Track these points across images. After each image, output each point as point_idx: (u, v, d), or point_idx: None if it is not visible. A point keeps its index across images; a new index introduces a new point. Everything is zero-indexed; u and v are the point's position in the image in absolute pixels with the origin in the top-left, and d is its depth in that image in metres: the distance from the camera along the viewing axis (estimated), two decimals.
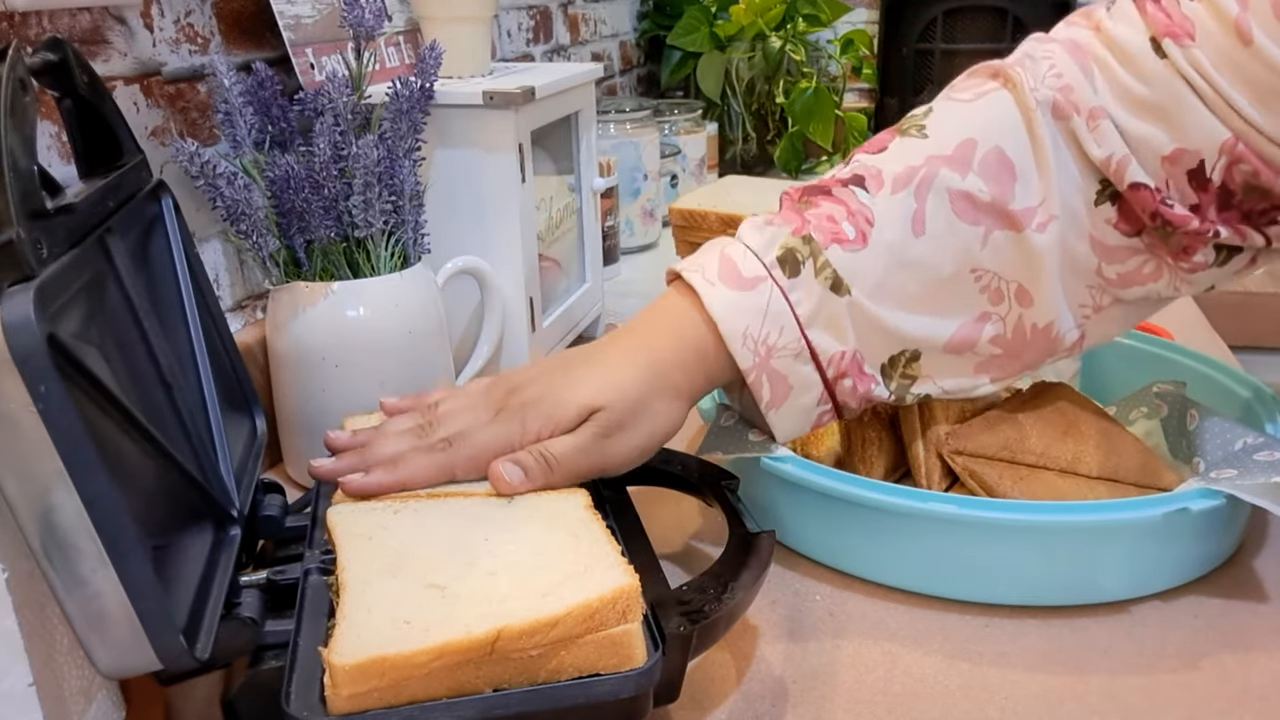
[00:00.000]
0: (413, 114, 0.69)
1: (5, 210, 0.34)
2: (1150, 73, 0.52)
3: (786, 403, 0.55)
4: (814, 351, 0.54)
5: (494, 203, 0.79)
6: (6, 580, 0.37)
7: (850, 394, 0.56)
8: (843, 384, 0.55)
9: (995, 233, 0.54)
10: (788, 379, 0.54)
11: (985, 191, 0.53)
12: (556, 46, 1.36)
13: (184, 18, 0.70)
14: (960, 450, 0.62)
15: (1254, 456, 0.56)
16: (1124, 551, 0.55)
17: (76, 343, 0.37)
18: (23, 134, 0.36)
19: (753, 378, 0.54)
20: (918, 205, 0.54)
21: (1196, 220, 0.53)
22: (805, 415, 0.56)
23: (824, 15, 1.57)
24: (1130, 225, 0.54)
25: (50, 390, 0.33)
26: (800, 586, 0.58)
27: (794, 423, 0.57)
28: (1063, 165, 0.53)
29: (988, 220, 0.54)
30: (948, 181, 0.53)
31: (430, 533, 0.47)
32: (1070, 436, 0.62)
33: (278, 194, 0.66)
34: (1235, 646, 0.52)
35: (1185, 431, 0.65)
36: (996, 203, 0.53)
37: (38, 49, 0.42)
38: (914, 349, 0.55)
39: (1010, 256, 0.54)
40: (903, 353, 0.55)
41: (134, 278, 0.46)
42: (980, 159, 0.54)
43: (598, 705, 0.41)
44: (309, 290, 0.67)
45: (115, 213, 0.45)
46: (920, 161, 0.54)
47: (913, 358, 0.56)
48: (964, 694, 0.49)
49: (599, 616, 0.40)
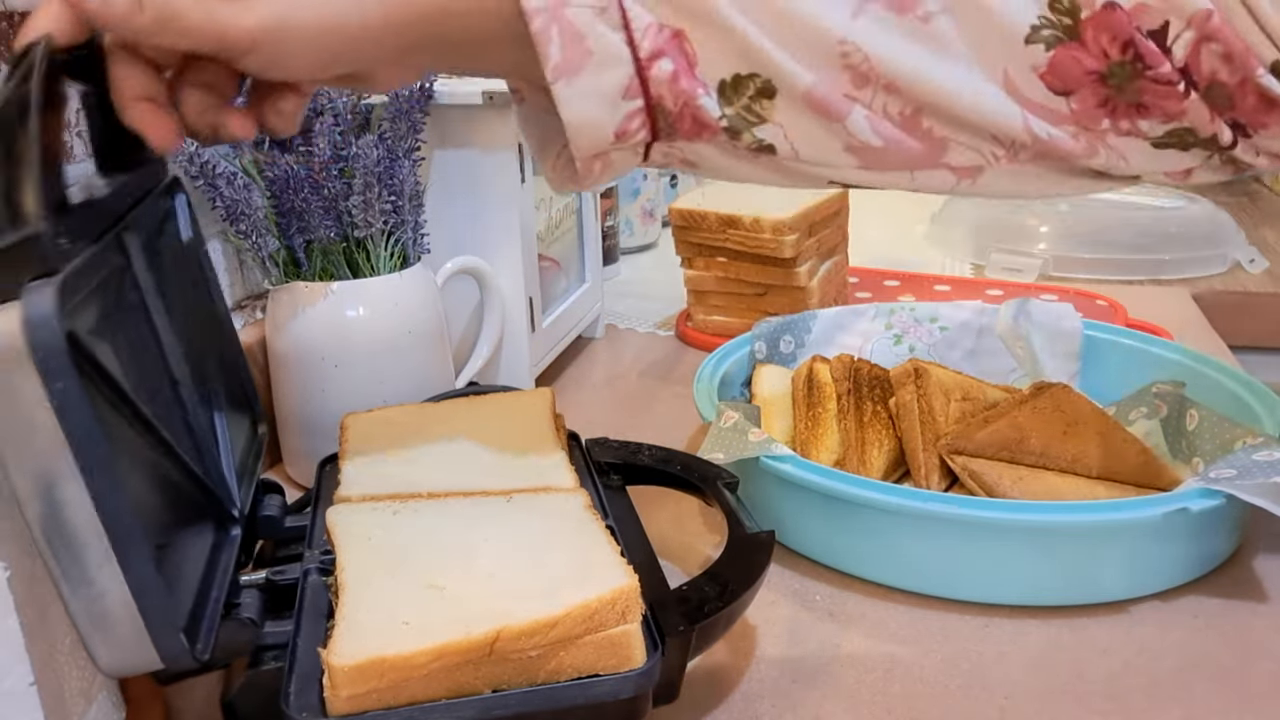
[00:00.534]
0: (412, 114, 0.69)
1: (32, 204, 0.33)
2: None
3: (583, 75, 0.41)
4: (626, 15, 0.41)
5: (493, 203, 0.79)
6: (9, 579, 0.37)
7: (668, 86, 0.42)
8: (659, 66, 0.41)
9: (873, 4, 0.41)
10: (586, 39, 0.41)
11: None
12: None
13: None
14: (959, 450, 0.62)
15: (1253, 456, 0.56)
16: (1124, 551, 0.55)
17: (92, 339, 0.37)
18: (54, 127, 0.35)
19: (537, 24, 0.40)
20: None
21: (1168, 64, 0.41)
22: (608, 105, 0.42)
23: None
24: (1060, 81, 0.42)
25: (67, 388, 0.33)
26: (800, 586, 0.58)
27: (590, 110, 0.42)
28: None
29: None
30: None
31: (430, 533, 0.47)
32: (1070, 436, 0.62)
33: (277, 194, 0.66)
34: (1235, 646, 0.52)
35: (1185, 431, 0.65)
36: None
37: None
38: (766, 78, 0.42)
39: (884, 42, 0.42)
40: (753, 76, 0.42)
41: (147, 274, 0.46)
42: None
43: (597, 706, 0.41)
44: (309, 290, 0.67)
45: (133, 208, 0.45)
46: None
47: (764, 91, 0.42)
48: (964, 694, 0.49)
49: (598, 617, 0.40)
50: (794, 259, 0.90)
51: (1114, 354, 0.77)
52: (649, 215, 1.29)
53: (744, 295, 0.95)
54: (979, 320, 0.81)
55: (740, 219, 0.90)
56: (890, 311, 0.83)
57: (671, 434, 0.75)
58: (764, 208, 0.90)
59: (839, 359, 0.69)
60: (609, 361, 0.96)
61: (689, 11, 0.41)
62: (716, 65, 0.42)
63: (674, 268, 1.00)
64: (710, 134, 0.43)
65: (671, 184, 1.39)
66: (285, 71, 0.41)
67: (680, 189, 1.39)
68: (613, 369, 0.94)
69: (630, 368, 0.93)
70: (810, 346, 0.80)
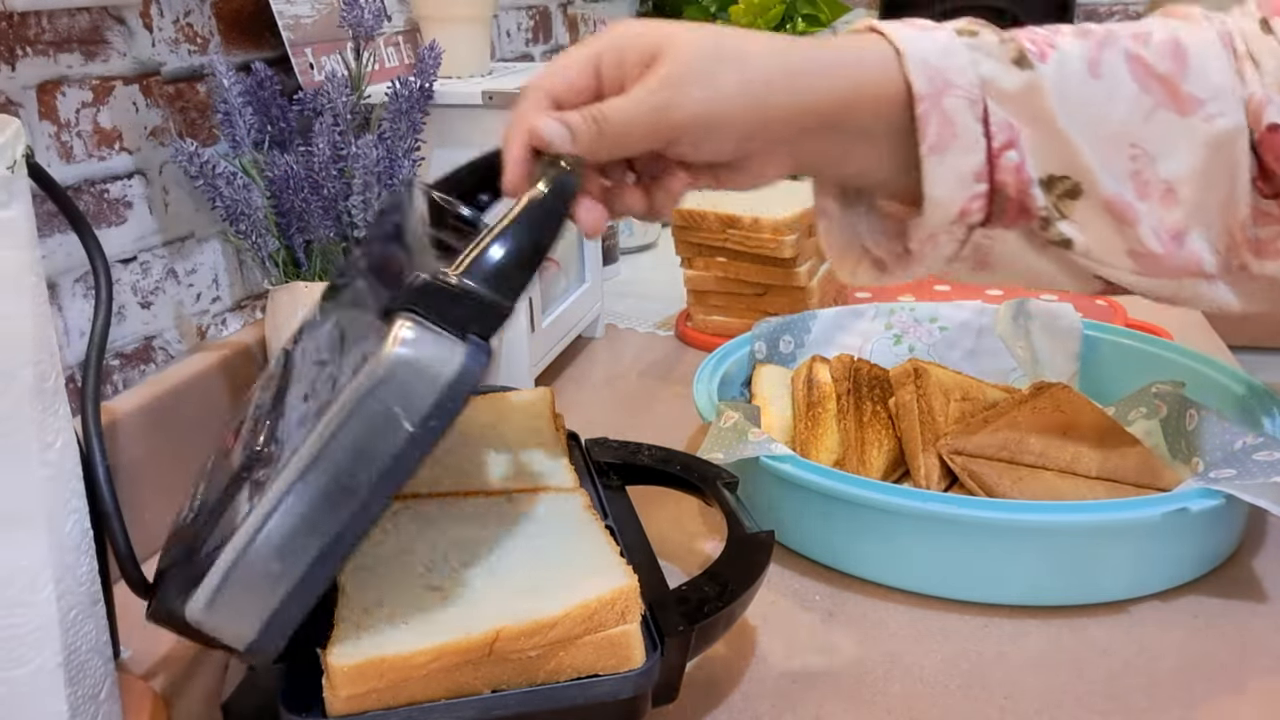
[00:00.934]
0: (412, 114, 0.69)
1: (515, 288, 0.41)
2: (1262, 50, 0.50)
3: (948, 153, 0.49)
4: (987, 109, 0.49)
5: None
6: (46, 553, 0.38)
7: (1013, 174, 0.49)
8: (1007, 157, 0.49)
9: (1161, 111, 0.49)
10: (955, 125, 0.48)
11: (1160, 64, 0.50)
12: (556, 46, 1.36)
13: (183, 18, 0.70)
14: (959, 450, 0.62)
15: (1253, 456, 0.56)
16: (1123, 551, 0.55)
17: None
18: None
19: (923, 108, 0.48)
20: (1095, 54, 0.50)
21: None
22: (960, 185, 0.49)
23: (823, 15, 1.57)
24: (1268, 185, 0.50)
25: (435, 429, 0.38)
26: (800, 586, 0.58)
27: (948, 186, 0.49)
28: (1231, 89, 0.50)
29: (1157, 91, 0.50)
30: (1126, 45, 0.50)
31: (429, 533, 0.47)
32: (1069, 437, 0.62)
33: (277, 194, 0.66)
34: (1234, 646, 0.52)
35: (1184, 431, 0.65)
36: (1169, 77, 0.49)
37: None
38: (1076, 182, 0.50)
39: (1169, 140, 0.50)
40: (1064, 178, 0.50)
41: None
42: (1157, 42, 0.50)
43: (596, 706, 0.41)
44: (308, 290, 0.67)
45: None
46: (1099, 30, 0.51)
47: (1071, 192, 0.50)
48: (964, 694, 0.49)
49: (598, 617, 0.40)
50: (794, 259, 0.90)
51: (1114, 354, 0.77)
52: None
53: (744, 295, 0.95)
54: (979, 320, 0.81)
55: (740, 219, 0.90)
56: (890, 311, 0.83)
57: (671, 434, 0.75)
58: (764, 208, 0.90)
59: (839, 359, 0.69)
60: (609, 361, 0.96)
61: (1031, 115, 0.49)
62: (1040, 164, 0.50)
63: (674, 268, 1.00)
64: (1027, 220, 0.51)
65: None
66: (698, 154, 0.48)
67: None
68: (612, 369, 0.94)
69: (630, 368, 0.93)
70: (810, 346, 0.80)
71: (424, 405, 0.37)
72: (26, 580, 0.37)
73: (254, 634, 0.38)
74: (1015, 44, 0.50)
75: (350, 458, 0.37)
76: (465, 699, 0.39)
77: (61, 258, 0.60)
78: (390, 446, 0.37)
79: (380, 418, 0.37)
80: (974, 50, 0.49)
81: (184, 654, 0.55)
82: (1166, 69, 0.50)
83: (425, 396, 0.37)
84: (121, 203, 0.65)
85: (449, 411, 0.38)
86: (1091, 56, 0.50)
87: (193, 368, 0.69)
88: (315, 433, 0.38)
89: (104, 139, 0.64)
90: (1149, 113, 0.50)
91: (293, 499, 0.37)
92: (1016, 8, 1.56)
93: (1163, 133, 0.50)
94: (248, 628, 0.38)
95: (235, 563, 0.38)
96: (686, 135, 0.47)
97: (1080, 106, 0.49)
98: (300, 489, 0.37)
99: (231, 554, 0.38)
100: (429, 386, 0.38)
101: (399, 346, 0.37)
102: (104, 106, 0.64)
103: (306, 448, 0.38)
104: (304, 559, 0.38)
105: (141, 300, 0.68)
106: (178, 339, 0.71)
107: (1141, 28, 0.51)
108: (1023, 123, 0.49)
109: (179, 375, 0.68)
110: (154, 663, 0.55)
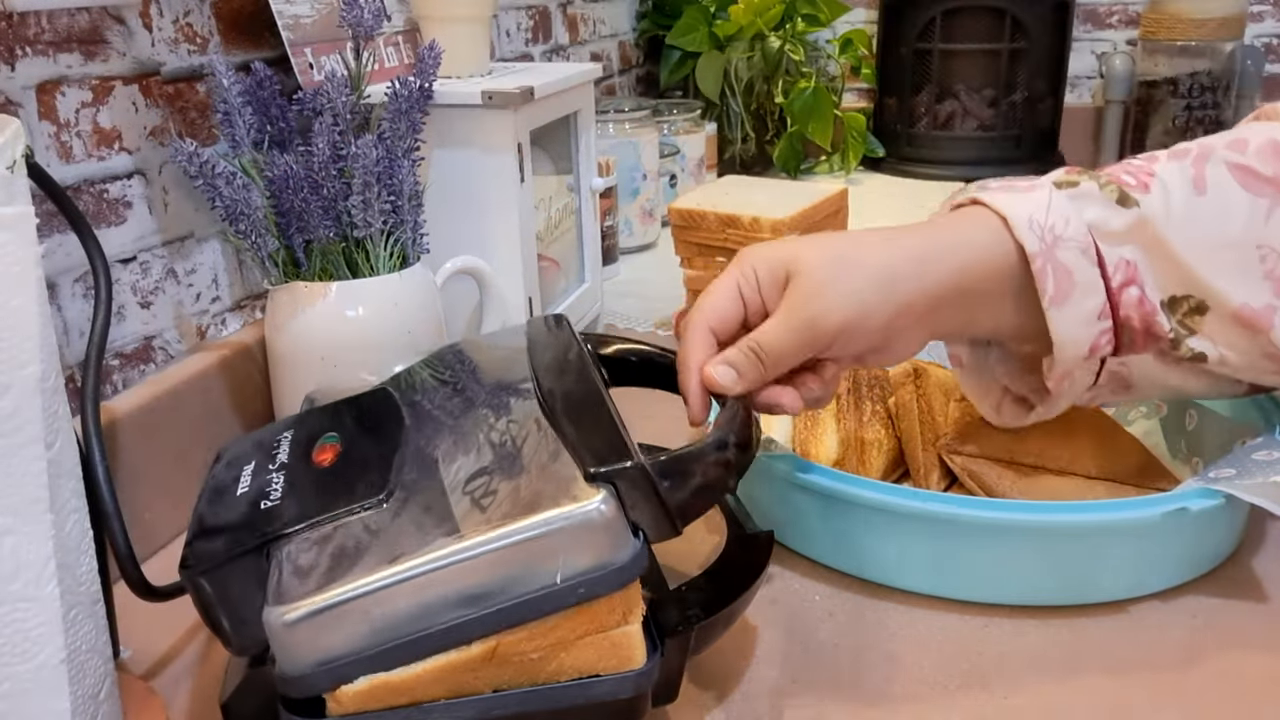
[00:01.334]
0: (411, 114, 0.69)
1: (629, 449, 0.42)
2: None
3: (1069, 302, 0.51)
4: (1099, 251, 0.51)
5: (493, 203, 0.79)
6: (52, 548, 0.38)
7: (1135, 308, 0.52)
8: (1128, 293, 0.52)
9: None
10: (1073, 274, 0.51)
11: (1267, 166, 0.51)
12: (555, 46, 1.36)
13: (183, 17, 0.70)
14: (959, 450, 0.62)
15: (1252, 456, 0.56)
16: (1123, 551, 0.55)
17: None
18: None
19: (1038, 265, 0.51)
20: (1195, 171, 0.52)
21: None
22: (1086, 325, 0.52)
23: (823, 15, 1.57)
24: None
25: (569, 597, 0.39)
26: (800, 586, 0.58)
27: (1074, 329, 0.52)
28: None
29: (1272, 192, 0.51)
30: (1225, 156, 0.52)
31: None
32: (1069, 437, 0.62)
33: (276, 194, 0.65)
34: (1234, 646, 0.52)
35: (1184, 431, 0.65)
36: (1278, 177, 0.51)
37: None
38: (1200, 299, 0.52)
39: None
40: (1187, 298, 0.52)
41: None
42: (1256, 147, 0.52)
43: (596, 706, 0.41)
44: (308, 290, 0.67)
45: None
46: (1194, 147, 0.53)
47: (1197, 309, 0.52)
48: (964, 694, 0.49)
49: (598, 618, 0.40)
50: None
51: None
52: (648, 215, 1.29)
53: None
54: None
55: (740, 219, 0.90)
56: None
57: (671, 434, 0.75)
58: (764, 208, 0.90)
59: None
60: None
61: (1145, 247, 0.52)
62: (1161, 288, 0.52)
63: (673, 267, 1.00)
64: (1157, 344, 0.53)
65: (670, 184, 1.39)
66: (848, 350, 0.52)
67: (679, 189, 1.39)
68: None
69: None
70: None
71: (577, 569, 0.39)
72: (32, 574, 0.37)
73: (306, 669, 0.38)
74: (1114, 185, 0.52)
75: (499, 574, 0.39)
76: (465, 699, 0.39)
77: (61, 258, 0.60)
78: (528, 585, 0.39)
79: (544, 555, 0.39)
80: (1076, 200, 0.52)
81: (183, 654, 0.55)
82: (1274, 170, 0.51)
83: (586, 566, 0.39)
84: (121, 203, 0.65)
85: (592, 590, 0.40)
86: (1194, 175, 0.52)
87: (192, 368, 0.69)
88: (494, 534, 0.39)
89: (103, 139, 0.64)
90: (1268, 213, 0.51)
91: (431, 576, 0.38)
92: (1016, 8, 1.56)
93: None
94: (308, 659, 0.38)
95: (348, 600, 0.38)
96: (836, 340, 0.50)
97: (1192, 225, 0.51)
98: (445, 575, 0.38)
99: (353, 592, 0.38)
100: (594, 560, 0.39)
101: (598, 513, 0.39)
102: (103, 106, 0.64)
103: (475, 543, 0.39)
104: (401, 634, 0.38)
105: (141, 300, 0.68)
106: (177, 339, 0.71)
107: (1237, 135, 0.53)
108: (1138, 256, 0.52)
109: (179, 375, 0.68)
110: (153, 663, 0.55)
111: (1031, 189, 0.53)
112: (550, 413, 0.46)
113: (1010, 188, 0.53)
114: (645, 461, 0.41)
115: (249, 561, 0.41)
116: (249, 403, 0.74)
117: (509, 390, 0.50)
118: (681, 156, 1.40)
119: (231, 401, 0.72)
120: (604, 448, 0.42)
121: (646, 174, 1.27)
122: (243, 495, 0.45)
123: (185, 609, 0.58)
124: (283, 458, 0.48)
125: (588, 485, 0.40)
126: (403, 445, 0.47)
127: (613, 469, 0.41)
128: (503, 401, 0.49)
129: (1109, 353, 0.53)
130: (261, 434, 0.51)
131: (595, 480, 0.40)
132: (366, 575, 0.38)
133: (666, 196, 1.34)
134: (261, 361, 0.73)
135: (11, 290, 0.36)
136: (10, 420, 0.36)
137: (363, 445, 0.48)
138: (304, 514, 0.43)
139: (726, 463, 0.44)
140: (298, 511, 0.43)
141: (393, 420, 0.49)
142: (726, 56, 1.54)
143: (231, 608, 0.41)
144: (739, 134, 1.58)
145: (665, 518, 0.42)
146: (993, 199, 0.52)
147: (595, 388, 0.48)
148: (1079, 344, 0.52)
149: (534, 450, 0.43)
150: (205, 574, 0.41)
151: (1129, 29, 1.71)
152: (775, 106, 1.56)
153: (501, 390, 0.51)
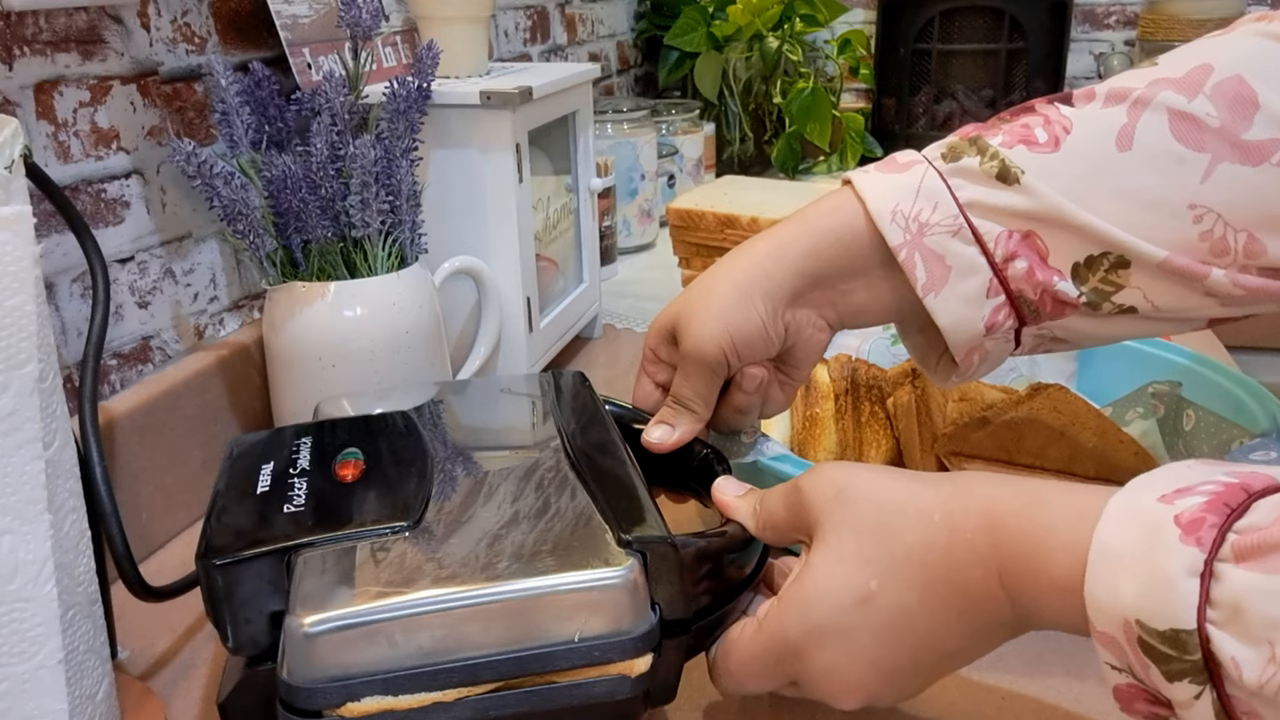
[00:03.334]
0: (410, 114, 0.69)
1: (702, 613, 0.44)
2: None
3: (946, 287, 0.50)
4: (976, 232, 0.50)
5: (491, 203, 0.79)
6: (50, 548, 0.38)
7: (1026, 280, 0.50)
8: (1014, 267, 0.50)
9: (1223, 165, 0.47)
10: (944, 258, 0.50)
11: (1214, 117, 0.47)
12: (554, 46, 1.36)
13: (181, 17, 0.70)
14: (956, 451, 0.62)
15: (1250, 457, 0.56)
16: None
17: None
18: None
19: (903, 256, 0.50)
20: (1127, 121, 0.48)
21: None
22: (972, 306, 0.50)
23: (821, 15, 1.57)
24: None
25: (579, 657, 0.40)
26: None
27: (958, 311, 0.51)
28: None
29: (1215, 146, 0.47)
30: (1169, 101, 0.48)
31: None
32: (1066, 437, 0.62)
33: (275, 194, 0.65)
34: None
35: (1181, 432, 0.65)
36: (1226, 130, 0.47)
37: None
38: (1118, 255, 0.48)
39: (1242, 193, 0.47)
40: (1104, 255, 0.49)
41: None
42: (1214, 84, 0.47)
43: (594, 706, 0.41)
44: (306, 290, 0.67)
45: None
46: (1142, 84, 0.49)
47: (1118, 263, 0.49)
48: (962, 694, 0.49)
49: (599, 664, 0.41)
50: None
51: (1111, 354, 0.77)
52: (647, 215, 1.29)
53: None
54: None
55: (738, 219, 0.90)
56: None
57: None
58: (762, 208, 0.90)
59: (836, 359, 0.69)
60: (607, 362, 0.96)
61: (1037, 219, 0.49)
62: (1068, 254, 0.49)
63: (672, 268, 1.00)
64: (1071, 310, 0.50)
65: (669, 184, 1.39)
66: (754, 358, 0.53)
67: (678, 189, 1.39)
68: (610, 369, 0.94)
69: (628, 368, 0.93)
70: None
71: (595, 632, 0.40)
72: (30, 575, 0.37)
73: (317, 682, 0.38)
74: (998, 160, 0.49)
75: (525, 622, 0.39)
76: (465, 699, 0.39)
77: (59, 257, 0.60)
78: (548, 638, 0.40)
79: (570, 611, 0.40)
80: (954, 176, 0.50)
81: (181, 655, 0.55)
82: (1224, 121, 0.47)
83: (603, 630, 0.40)
84: (119, 202, 0.65)
85: (605, 655, 0.40)
86: (1124, 126, 0.48)
87: (190, 368, 0.69)
88: (528, 583, 0.39)
89: (101, 139, 0.64)
90: (1207, 170, 0.47)
91: (463, 611, 0.39)
92: (1014, 8, 1.56)
93: (1229, 186, 0.47)
94: (321, 673, 0.38)
95: (376, 621, 0.38)
96: (734, 355, 0.52)
97: (1105, 184, 0.48)
98: (474, 613, 0.39)
99: (382, 614, 0.38)
100: (612, 625, 0.40)
101: (626, 580, 0.40)
102: (101, 106, 0.64)
103: (509, 587, 0.39)
104: (419, 663, 0.38)
105: (139, 300, 0.67)
106: (175, 339, 0.71)
107: (1203, 60, 0.48)
108: (1030, 225, 0.49)
109: (177, 375, 0.68)
110: (151, 663, 0.55)
111: (909, 166, 0.51)
112: (579, 470, 0.47)
113: (889, 165, 0.52)
114: (683, 548, 0.42)
115: (268, 563, 0.41)
116: (247, 403, 0.74)
117: (537, 441, 0.52)
118: (680, 157, 1.40)
119: (230, 402, 0.72)
120: (634, 514, 0.43)
121: (645, 174, 1.27)
122: (263, 494, 0.45)
123: (183, 609, 0.58)
124: (304, 464, 0.48)
125: (619, 550, 0.41)
126: (429, 476, 0.47)
127: (645, 538, 0.42)
128: (531, 451, 0.50)
129: (1013, 326, 0.51)
130: (275, 435, 0.51)
131: (627, 546, 0.41)
132: (396, 598, 0.38)
133: (665, 197, 1.34)
134: (259, 362, 0.73)
135: (9, 290, 0.36)
136: (8, 420, 0.36)
137: (388, 468, 0.48)
138: (329, 525, 0.43)
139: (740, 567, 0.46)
140: (323, 522, 0.43)
141: (418, 449, 0.49)
142: (725, 57, 1.54)
143: (239, 605, 0.41)
144: (737, 134, 1.58)
145: (681, 598, 0.42)
146: (860, 180, 0.52)
147: (621, 453, 0.49)
148: (970, 323, 0.51)
149: (565, 505, 0.44)
150: (222, 567, 0.41)
151: (1127, 29, 1.71)
152: (773, 107, 1.56)
153: (529, 439, 0.52)
